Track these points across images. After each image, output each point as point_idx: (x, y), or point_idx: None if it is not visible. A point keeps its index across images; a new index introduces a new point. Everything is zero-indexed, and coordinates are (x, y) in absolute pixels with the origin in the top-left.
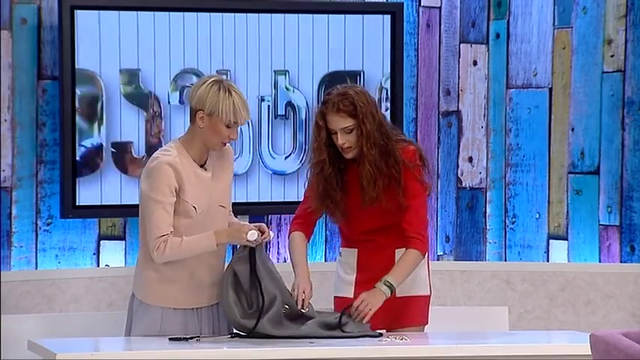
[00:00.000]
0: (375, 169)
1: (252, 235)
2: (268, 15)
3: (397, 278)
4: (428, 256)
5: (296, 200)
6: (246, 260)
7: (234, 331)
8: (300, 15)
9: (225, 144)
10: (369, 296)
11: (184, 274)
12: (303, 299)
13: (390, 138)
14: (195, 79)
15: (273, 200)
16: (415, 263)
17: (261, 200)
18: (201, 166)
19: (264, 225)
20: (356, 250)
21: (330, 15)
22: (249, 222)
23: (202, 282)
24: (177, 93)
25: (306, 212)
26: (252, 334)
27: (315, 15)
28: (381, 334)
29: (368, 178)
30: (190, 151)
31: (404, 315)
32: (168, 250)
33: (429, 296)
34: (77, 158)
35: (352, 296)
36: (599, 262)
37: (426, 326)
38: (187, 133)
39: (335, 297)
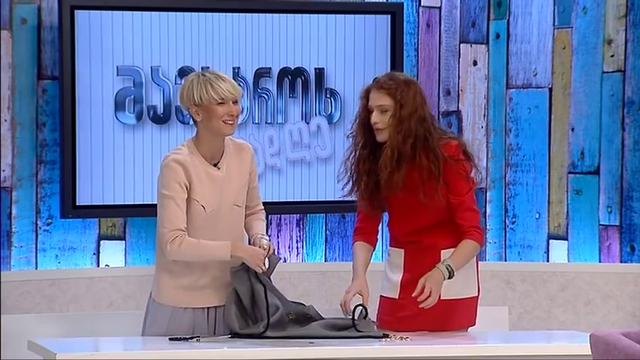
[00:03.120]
0: (396, 154)
1: (267, 264)
2: (269, 15)
3: (457, 264)
4: (477, 256)
5: (299, 200)
6: (245, 277)
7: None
8: (300, 15)
9: (230, 123)
10: (429, 281)
11: (195, 274)
12: (346, 302)
13: (432, 134)
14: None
15: (273, 200)
16: (472, 253)
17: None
18: (215, 165)
19: (271, 245)
20: (403, 250)
21: (331, 15)
22: None
23: (213, 283)
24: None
25: (363, 223)
26: (255, 336)
27: (315, 15)
28: (384, 335)
29: (385, 162)
30: (201, 149)
31: (451, 318)
32: (183, 247)
33: (477, 297)
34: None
35: (397, 297)
36: (599, 262)
37: (472, 327)
38: (195, 132)
39: (381, 296)
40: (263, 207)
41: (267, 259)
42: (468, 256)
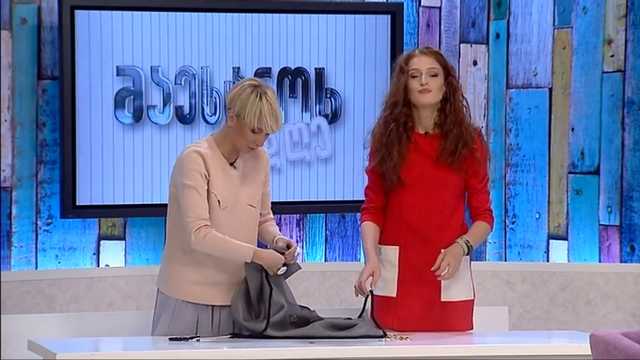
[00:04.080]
0: (444, 118)
1: (282, 270)
2: (269, 15)
3: (474, 242)
4: (470, 258)
5: (299, 200)
6: (257, 274)
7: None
8: (300, 15)
9: (252, 148)
10: (449, 256)
11: (207, 271)
12: (367, 281)
13: (467, 122)
14: (193, 78)
15: (273, 200)
16: (485, 235)
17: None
18: (232, 164)
19: (293, 245)
20: (397, 247)
21: (331, 15)
22: None
23: (222, 282)
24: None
25: (371, 203)
26: (255, 336)
27: (315, 15)
28: (384, 334)
29: (435, 123)
30: (221, 147)
31: (450, 320)
32: (208, 239)
33: (473, 300)
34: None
35: (395, 295)
36: (599, 262)
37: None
38: (221, 129)
39: (374, 295)
40: (273, 216)
41: (287, 266)
42: (482, 237)
